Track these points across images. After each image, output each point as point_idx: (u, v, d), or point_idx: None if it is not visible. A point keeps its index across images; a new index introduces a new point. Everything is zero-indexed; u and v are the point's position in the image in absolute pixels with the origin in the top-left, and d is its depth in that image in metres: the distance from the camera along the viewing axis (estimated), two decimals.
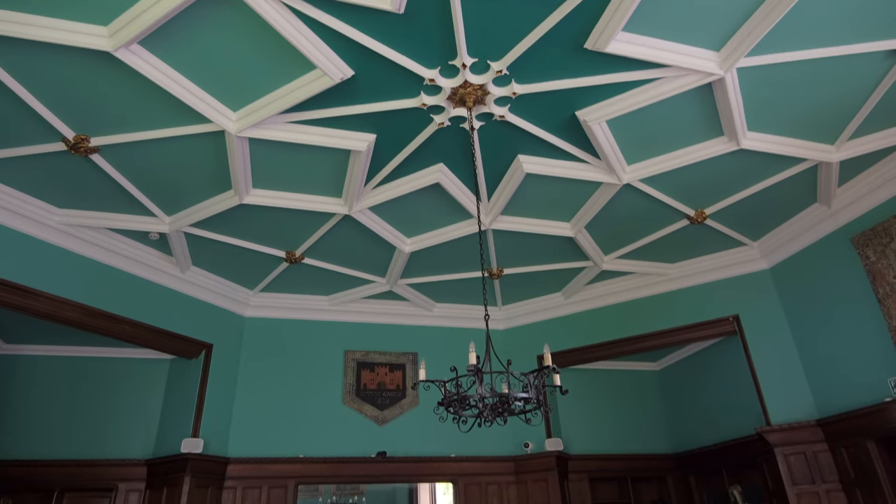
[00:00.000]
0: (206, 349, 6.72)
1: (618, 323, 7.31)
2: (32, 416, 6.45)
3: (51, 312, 5.37)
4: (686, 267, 6.99)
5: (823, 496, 5.61)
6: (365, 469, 6.88)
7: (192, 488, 5.97)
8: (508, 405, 3.26)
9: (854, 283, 5.63)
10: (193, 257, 6.38)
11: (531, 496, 7.05)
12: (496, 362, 3.54)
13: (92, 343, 6.72)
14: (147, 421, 6.69)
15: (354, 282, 7.13)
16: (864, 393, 5.40)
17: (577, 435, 7.66)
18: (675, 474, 7.89)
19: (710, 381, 7.60)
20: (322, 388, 7.17)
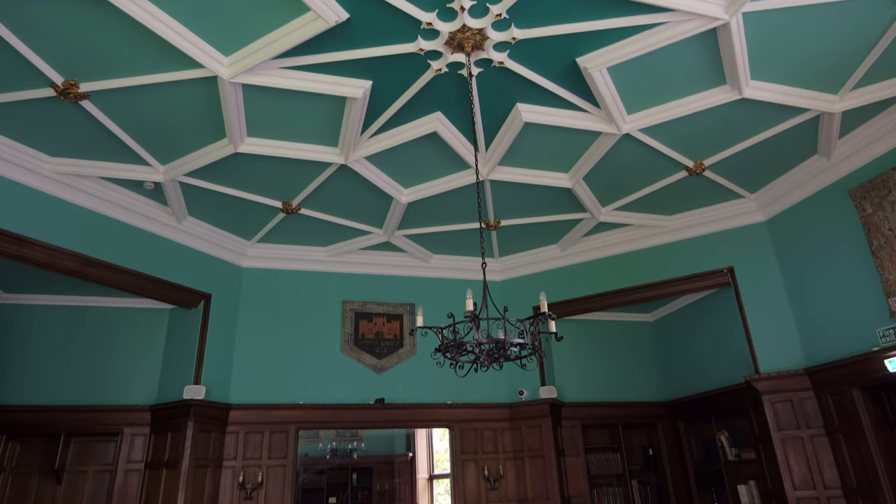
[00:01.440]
0: (205, 299, 6.78)
1: (613, 274, 7.37)
2: (35, 364, 6.55)
3: (48, 262, 5.38)
4: (683, 219, 7.00)
5: (807, 441, 5.81)
6: (364, 415, 7.07)
7: (195, 433, 6.14)
8: (504, 351, 3.32)
9: (849, 235, 5.66)
10: (189, 207, 6.35)
11: (525, 441, 7.28)
12: (493, 310, 3.59)
13: (91, 293, 6.76)
14: (149, 368, 6.81)
15: (352, 233, 7.14)
16: (852, 343, 5.52)
17: (571, 383, 7.84)
18: (665, 421, 8.13)
19: (702, 331, 7.74)
20: (321, 337, 7.28)
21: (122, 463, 6.33)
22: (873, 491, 5.20)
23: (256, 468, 6.51)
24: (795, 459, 5.81)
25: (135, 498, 6.22)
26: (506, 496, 7.13)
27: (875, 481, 5.19)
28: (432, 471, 12.69)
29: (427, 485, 12.70)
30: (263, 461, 6.58)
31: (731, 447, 7.13)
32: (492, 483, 7.11)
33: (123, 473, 6.30)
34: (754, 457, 6.72)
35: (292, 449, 6.71)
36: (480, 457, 7.24)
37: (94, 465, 6.53)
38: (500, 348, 3.31)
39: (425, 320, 3.99)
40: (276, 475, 6.56)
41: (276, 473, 6.58)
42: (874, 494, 5.19)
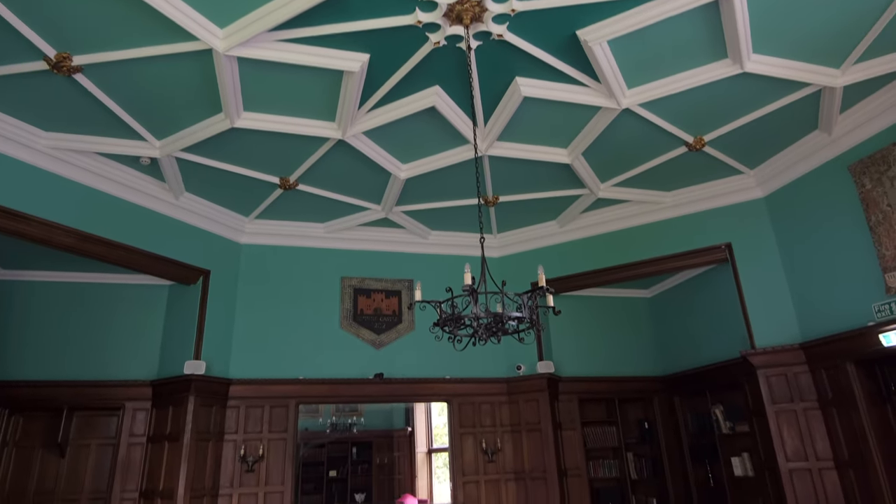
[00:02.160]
0: (204, 275, 6.79)
1: (612, 251, 7.39)
2: (34, 339, 6.58)
3: (44, 237, 5.37)
4: (681, 195, 6.99)
5: (801, 414, 5.89)
6: (363, 390, 7.15)
7: (196, 407, 6.20)
8: (502, 325, 3.34)
9: (847, 211, 5.67)
10: (186, 183, 6.32)
11: (522, 415, 7.38)
12: (491, 284, 3.60)
13: (90, 269, 6.76)
14: (149, 344, 6.85)
15: (350, 209, 7.12)
16: (848, 318, 5.56)
17: (569, 358, 7.91)
18: (661, 395, 8.23)
19: (699, 307, 7.79)
20: (320, 313, 7.31)
21: (124, 436, 6.41)
22: (864, 462, 5.29)
23: (257, 441, 6.60)
24: (788, 432, 5.90)
25: (138, 470, 6.31)
26: (503, 468, 7.25)
27: (867, 453, 5.28)
28: (431, 445, 12.89)
29: (426, 458, 12.92)
30: (264, 435, 6.66)
31: (725, 420, 7.23)
32: (489, 456, 7.22)
33: (126, 447, 6.38)
34: (748, 430, 6.83)
35: (292, 423, 6.80)
36: (478, 430, 7.34)
37: (96, 438, 6.62)
38: (497, 322, 3.33)
39: (424, 296, 4.01)
40: (276, 448, 6.66)
41: (277, 447, 6.67)
42: (865, 466, 5.29)
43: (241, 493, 6.39)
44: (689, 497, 7.64)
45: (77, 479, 6.43)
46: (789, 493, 5.75)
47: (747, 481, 6.90)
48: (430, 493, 12.44)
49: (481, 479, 7.16)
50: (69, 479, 6.40)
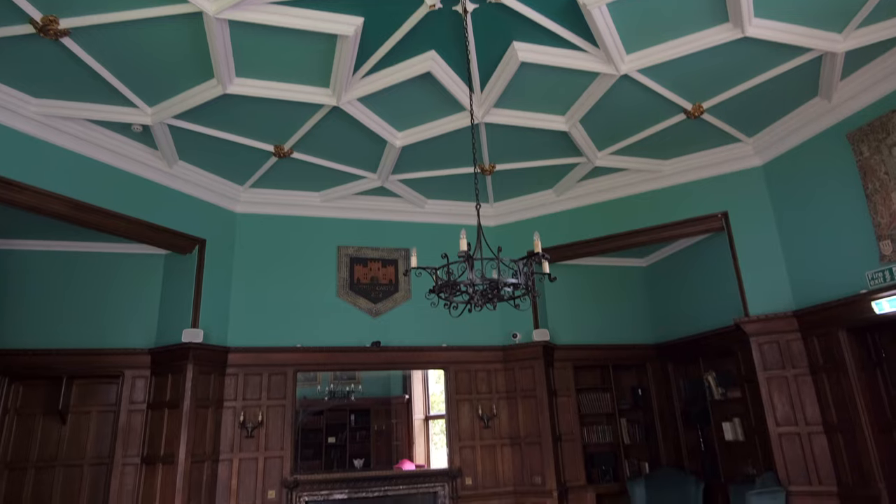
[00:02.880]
0: (200, 244, 6.77)
1: (608, 220, 7.38)
2: (32, 308, 6.58)
3: (37, 205, 5.33)
4: (679, 164, 6.96)
5: (791, 380, 5.98)
6: (360, 358, 7.21)
7: (195, 375, 6.26)
8: (498, 291, 3.35)
9: (845, 179, 5.65)
10: (180, 151, 6.25)
11: (518, 382, 7.48)
12: (487, 251, 3.60)
13: (85, 238, 6.72)
14: (146, 313, 6.86)
15: (345, 177, 7.07)
16: (841, 286, 5.60)
17: (564, 326, 7.98)
18: (655, 363, 8.33)
19: (694, 276, 7.83)
20: (316, 281, 7.33)
21: (124, 404, 6.48)
22: (852, 426, 5.40)
23: (256, 408, 6.68)
24: (779, 397, 6.00)
25: (139, 436, 6.40)
26: (499, 434, 7.38)
27: (855, 417, 5.38)
28: (428, 412, 13.06)
29: (423, 425, 13.10)
30: (263, 402, 6.75)
31: (717, 387, 7.35)
32: (485, 422, 7.34)
33: (127, 413, 6.45)
34: (740, 396, 6.95)
35: (291, 390, 6.88)
36: (474, 397, 7.45)
37: (97, 405, 6.69)
38: (493, 288, 3.34)
39: (420, 264, 4.00)
40: (275, 415, 6.75)
41: (276, 413, 6.76)
42: (853, 430, 5.40)
43: (242, 457, 6.50)
44: (681, 461, 7.80)
45: (79, 444, 6.52)
46: (778, 456, 5.89)
47: (737, 445, 7.04)
48: (427, 459, 12.64)
49: (477, 444, 7.29)
50: (71, 445, 6.49)
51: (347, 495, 6.68)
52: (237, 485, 6.40)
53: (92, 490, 6.40)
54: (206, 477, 6.21)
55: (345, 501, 6.68)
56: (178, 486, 5.89)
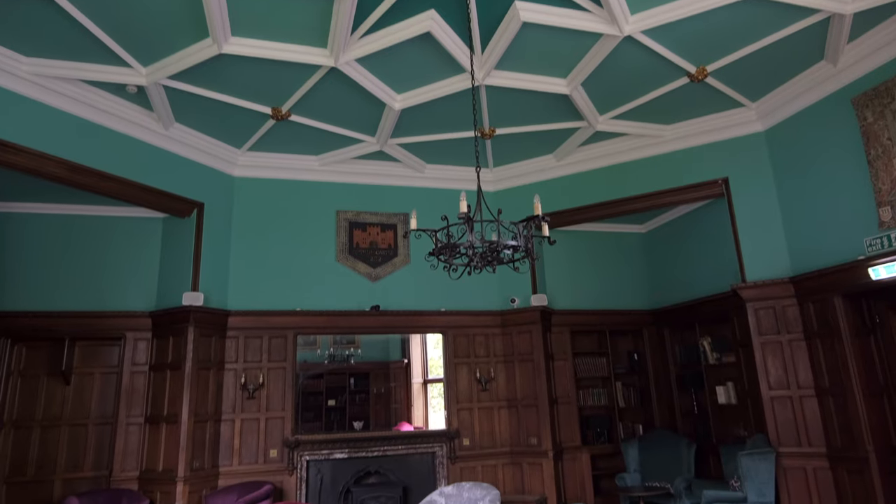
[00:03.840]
0: (198, 208, 6.74)
1: (608, 185, 7.35)
2: (31, 271, 6.59)
3: (33, 168, 5.29)
4: (680, 129, 6.89)
5: (786, 345, 6.06)
6: (360, 321, 7.27)
7: (196, 337, 6.32)
8: (497, 253, 3.36)
9: (847, 144, 5.61)
10: (176, 113, 6.17)
11: (516, 346, 7.57)
12: (486, 214, 3.59)
13: (83, 201, 6.69)
14: (146, 276, 6.88)
15: (344, 141, 7.00)
16: (839, 253, 5.61)
17: (562, 292, 8.03)
18: (651, 328, 8.42)
19: (692, 242, 7.85)
20: (315, 246, 7.33)
21: (126, 365, 6.56)
22: (844, 390, 5.50)
23: (257, 370, 6.77)
24: (773, 362, 6.09)
25: (142, 397, 6.50)
26: (496, 396, 7.51)
27: (847, 382, 5.47)
28: (426, 376, 13.25)
29: (421, 388, 13.30)
30: (264, 364, 6.83)
31: (712, 352, 7.45)
32: (483, 385, 7.45)
33: (129, 375, 6.54)
34: (734, 360, 7.05)
35: (291, 353, 6.96)
36: (472, 360, 7.55)
37: (99, 367, 6.77)
38: (493, 251, 3.34)
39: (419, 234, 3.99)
40: (276, 377, 6.84)
41: (277, 375, 6.85)
42: (844, 394, 5.49)
43: (244, 418, 6.62)
44: (674, 423, 7.96)
45: (83, 404, 6.63)
46: (770, 418, 6.00)
47: (730, 408, 7.18)
48: (425, 421, 12.89)
49: (475, 406, 7.42)
50: (75, 405, 6.60)
51: (348, 455, 6.83)
52: (240, 444, 6.54)
53: (97, 448, 6.53)
54: (210, 436, 6.33)
55: (345, 461, 6.83)
56: (181, 444, 6.01)
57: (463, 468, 7.14)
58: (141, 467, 6.28)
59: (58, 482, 6.35)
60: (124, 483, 6.20)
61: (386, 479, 6.95)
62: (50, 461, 6.39)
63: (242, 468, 6.48)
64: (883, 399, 5.55)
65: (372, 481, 6.94)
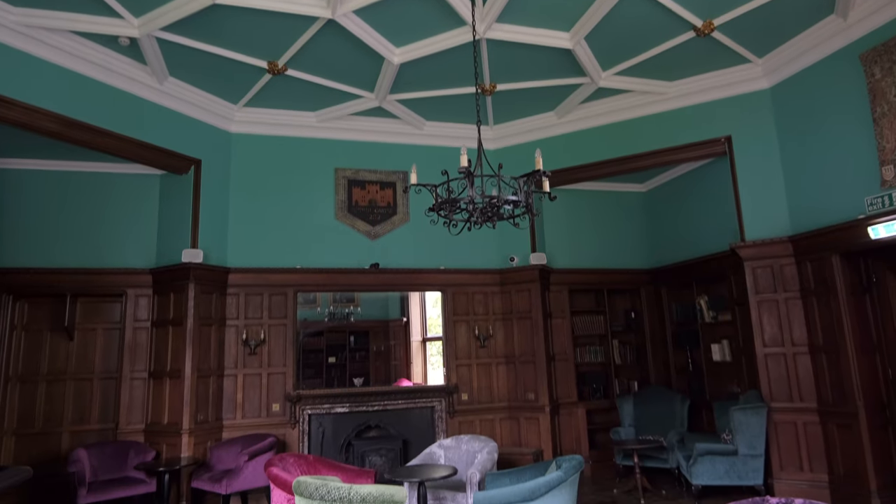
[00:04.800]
0: (195, 164, 6.68)
1: (610, 143, 7.28)
2: (31, 228, 6.57)
3: (27, 122, 5.22)
4: (684, 85, 6.77)
5: (782, 303, 6.12)
6: (359, 279, 7.31)
7: (197, 294, 6.37)
8: (497, 209, 3.35)
9: (853, 102, 5.53)
10: (170, 67, 6.04)
11: (514, 304, 7.64)
12: (487, 169, 3.55)
13: (80, 158, 6.63)
14: (145, 233, 6.88)
15: (342, 97, 6.88)
16: (839, 212, 5.60)
17: (561, 251, 8.05)
18: (649, 287, 8.48)
19: (693, 201, 7.83)
20: (314, 203, 7.31)
21: (129, 321, 6.62)
22: (837, 348, 5.58)
23: (258, 327, 6.84)
24: (768, 320, 6.16)
25: (145, 352, 6.59)
26: (495, 353, 7.62)
27: (840, 339, 5.55)
28: (425, 334, 13.42)
29: (420, 346, 13.49)
30: (264, 321, 6.90)
31: (709, 310, 7.52)
32: (482, 341, 7.55)
33: (132, 330, 6.61)
34: (730, 319, 7.13)
35: (291, 310, 7.02)
36: (471, 318, 7.63)
37: (102, 323, 6.83)
38: (493, 206, 3.33)
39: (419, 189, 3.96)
40: (277, 333, 6.92)
41: (278, 332, 6.93)
42: (837, 351, 5.58)
43: (246, 373, 6.73)
44: (669, 380, 8.11)
45: (87, 359, 6.72)
46: (763, 375, 6.11)
47: (724, 365, 7.30)
48: (424, 379, 13.13)
49: (473, 362, 7.54)
50: (79, 360, 6.69)
51: (348, 409, 6.98)
52: (243, 398, 6.67)
53: (103, 402, 6.66)
54: (213, 391, 6.46)
55: (346, 415, 6.98)
56: (185, 398, 6.13)
57: (461, 422, 7.31)
58: (146, 420, 6.42)
59: (65, 434, 6.50)
60: (130, 435, 6.35)
61: (386, 432, 7.12)
62: (57, 414, 6.52)
63: (246, 421, 6.62)
64: (875, 356, 5.64)
65: (372, 434, 7.11)
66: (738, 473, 5.88)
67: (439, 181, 3.87)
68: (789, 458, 5.89)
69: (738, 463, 5.88)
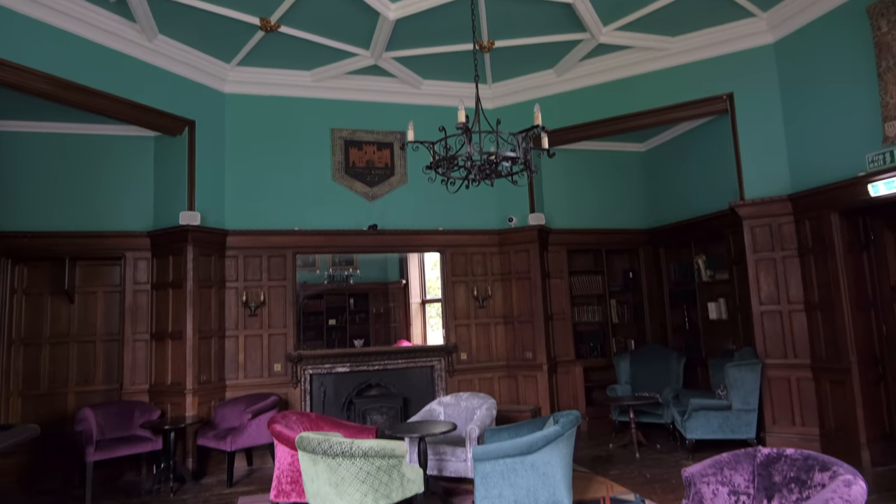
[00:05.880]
0: (189, 125, 6.59)
1: (609, 101, 7.17)
2: (26, 190, 6.51)
3: (19, 83, 5.11)
4: (687, 41, 6.63)
5: (779, 262, 6.14)
6: (358, 241, 7.31)
7: (195, 256, 6.38)
8: (496, 166, 3.32)
9: (859, 57, 5.43)
10: (159, 24, 5.89)
11: (513, 265, 7.66)
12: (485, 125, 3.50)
13: (73, 119, 6.52)
14: (142, 196, 6.82)
15: (337, 55, 6.74)
16: (840, 169, 5.56)
17: (559, 211, 8.03)
18: (647, 247, 8.50)
19: (692, 161, 7.77)
20: (311, 165, 7.25)
21: (128, 284, 6.65)
22: (832, 305, 5.63)
23: (258, 289, 6.88)
24: (765, 278, 6.20)
25: (146, 314, 6.63)
26: (493, 313, 7.69)
27: (836, 296, 5.60)
28: (424, 296, 13.52)
29: (420, 308, 13.61)
30: (264, 283, 6.93)
31: (706, 269, 7.56)
32: (480, 302, 7.61)
33: (132, 293, 6.64)
34: (727, 277, 7.17)
35: (290, 271, 7.04)
36: (470, 278, 7.66)
37: (102, 286, 6.85)
38: (491, 163, 3.30)
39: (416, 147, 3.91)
40: (277, 295, 6.96)
41: (278, 294, 6.97)
42: (832, 308, 5.63)
43: (247, 334, 6.80)
44: (665, 338, 8.22)
45: (89, 322, 6.77)
46: (758, 332, 6.19)
47: (720, 323, 7.38)
48: (423, 339, 13.29)
49: (472, 322, 7.61)
50: (81, 323, 6.73)
51: (349, 369, 7.08)
52: (244, 359, 6.75)
53: (106, 363, 6.74)
54: (215, 351, 6.53)
55: (347, 374, 7.09)
56: (188, 359, 6.21)
57: (460, 381, 7.43)
58: (150, 381, 6.51)
59: (71, 395, 6.60)
60: (135, 395, 6.46)
61: (387, 391, 7.24)
62: (61, 376, 6.61)
63: (248, 381, 6.73)
64: (870, 313, 5.70)
65: (373, 393, 7.23)
66: (732, 428, 6.01)
67: (436, 141, 3.83)
68: (782, 412, 6.02)
69: (732, 417, 6.01)
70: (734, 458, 3.21)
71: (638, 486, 5.18)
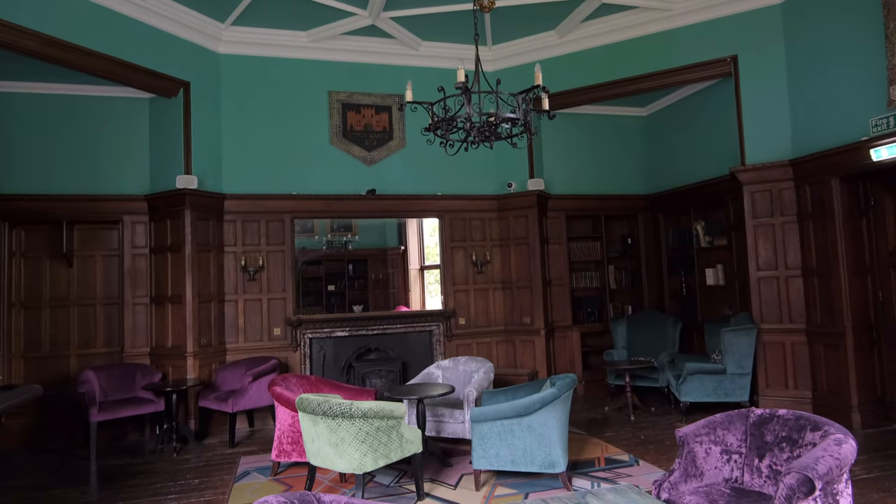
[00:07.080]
0: (184, 87, 6.48)
1: (612, 64, 7.04)
2: (22, 153, 6.43)
3: (7, 41, 4.98)
4: (691, 0, 6.48)
5: (778, 227, 6.14)
6: (356, 206, 7.28)
7: (193, 220, 6.35)
8: (495, 128, 3.27)
9: (866, 18, 5.32)
10: None
11: (511, 230, 7.65)
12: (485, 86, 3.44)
13: (66, 80, 6.40)
14: (138, 159, 6.75)
15: (334, 14, 6.58)
16: (842, 133, 5.51)
17: (559, 176, 7.98)
18: (646, 213, 8.48)
19: (694, 125, 7.68)
20: (308, 128, 7.16)
21: (127, 248, 6.64)
22: (829, 271, 5.65)
23: (257, 253, 6.88)
24: (764, 244, 6.20)
25: (145, 278, 6.64)
26: (491, 279, 7.72)
27: (834, 262, 5.61)
28: (423, 263, 13.55)
29: (418, 274, 13.65)
30: (262, 247, 6.92)
31: (705, 235, 7.56)
32: (479, 267, 7.63)
33: (131, 257, 6.64)
34: (725, 244, 7.18)
35: (289, 236, 7.03)
36: (468, 244, 7.66)
37: (100, 250, 6.85)
38: (490, 125, 3.25)
39: (416, 111, 3.84)
40: (275, 260, 6.97)
41: (276, 258, 6.97)
42: (829, 274, 5.66)
43: (246, 298, 6.83)
44: (662, 304, 8.27)
45: (88, 285, 6.78)
46: (755, 298, 6.22)
47: (717, 289, 7.42)
48: (422, 305, 13.38)
49: (471, 287, 7.65)
50: (81, 286, 6.75)
51: (348, 333, 7.13)
52: (244, 322, 6.80)
53: (107, 326, 6.78)
54: (215, 315, 6.57)
55: (346, 338, 7.15)
56: (188, 322, 6.25)
57: (459, 345, 7.50)
58: (151, 344, 6.57)
59: (72, 357, 6.66)
60: (136, 358, 6.52)
61: (386, 355, 7.31)
62: (63, 338, 6.66)
63: (248, 345, 6.79)
64: (866, 278, 5.72)
65: (372, 357, 7.31)
66: (726, 391, 6.10)
67: (436, 101, 3.76)
68: (775, 376, 6.11)
69: (726, 381, 6.10)
70: (727, 418, 3.27)
71: (632, 447, 5.29)
